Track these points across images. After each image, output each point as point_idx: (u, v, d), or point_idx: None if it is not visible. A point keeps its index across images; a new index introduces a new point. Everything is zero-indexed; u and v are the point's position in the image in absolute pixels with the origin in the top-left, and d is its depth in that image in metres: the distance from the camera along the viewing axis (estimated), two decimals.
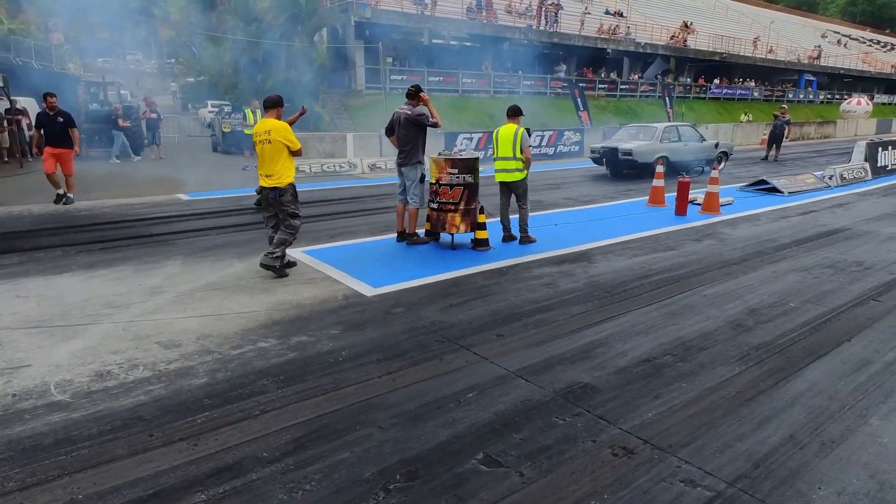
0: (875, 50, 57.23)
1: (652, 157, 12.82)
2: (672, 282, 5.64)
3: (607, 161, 13.74)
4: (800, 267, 6.16)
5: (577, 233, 7.80)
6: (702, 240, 7.46)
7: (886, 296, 5.24)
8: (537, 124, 25.01)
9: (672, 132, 13.82)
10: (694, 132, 14.40)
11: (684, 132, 14.08)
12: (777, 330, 4.43)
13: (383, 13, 24.35)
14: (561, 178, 13.92)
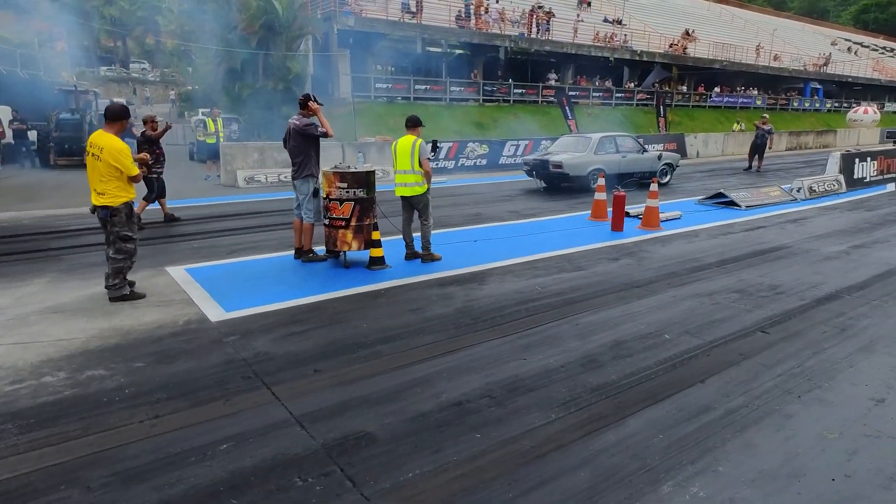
0: (887, 57, 55.94)
1: (585, 169, 12.27)
2: (554, 307, 5.19)
3: (538, 174, 12.90)
4: (705, 291, 5.67)
5: (494, 250, 7.37)
6: (620, 258, 6.99)
7: (779, 327, 4.74)
8: (526, 133, 24.65)
9: (609, 143, 13.06)
10: (634, 143, 13.70)
11: (623, 143, 13.36)
12: (630, 367, 3.97)
13: (367, 21, 24.16)
14: (518, 189, 13.48)
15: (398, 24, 25.11)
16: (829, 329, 4.68)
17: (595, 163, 12.44)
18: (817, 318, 4.95)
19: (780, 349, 4.28)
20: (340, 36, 23.94)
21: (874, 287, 5.82)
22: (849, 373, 3.88)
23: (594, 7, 38.27)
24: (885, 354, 4.18)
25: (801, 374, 3.86)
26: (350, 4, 24.01)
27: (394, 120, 23.46)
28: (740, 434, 3.14)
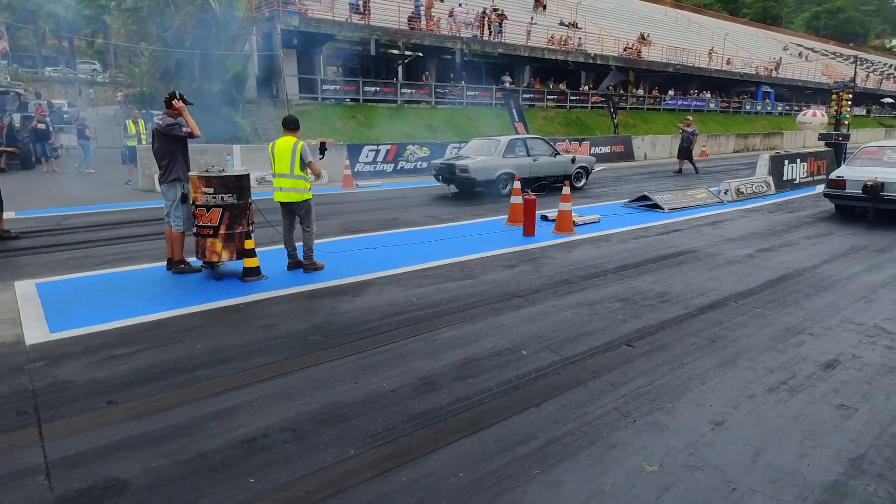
0: (836, 62, 57.67)
1: (493, 173, 11.80)
2: (419, 321, 4.83)
3: (445, 179, 12.23)
4: (589, 300, 5.39)
5: (390, 257, 6.99)
6: (517, 265, 6.68)
7: (648, 339, 4.46)
8: (476, 135, 24.40)
9: (519, 146, 12.52)
10: (546, 146, 13.22)
11: (534, 146, 12.84)
12: (468, 390, 3.62)
13: (313, 21, 23.59)
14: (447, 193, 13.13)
15: (345, 24, 24.60)
16: (698, 341, 4.43)
17: (504, 167, 11.97)
18: (692, 328, 4.69)
19: (637, 365, 3.99)
20: (285, 36, 23.31)
21: (764, 293, 5.62)
22: (699, 391, 3.61)
23: (550, 10, 38.43)
24: (745, 369, 3.93)
25: (647, 394, 3.56)
26: (294, 4, 23.42)
27: (342, 122, 23.03)
28: (550, 469, 2.82)
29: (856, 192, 8.95)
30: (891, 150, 9.62)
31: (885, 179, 8.76)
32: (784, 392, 3.59)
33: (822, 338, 4.47)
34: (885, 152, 9.64)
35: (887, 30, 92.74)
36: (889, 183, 8.73)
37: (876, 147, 10.07)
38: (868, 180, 8.79)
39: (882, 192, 8.71)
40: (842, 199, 9.47)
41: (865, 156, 9.84)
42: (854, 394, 3.56)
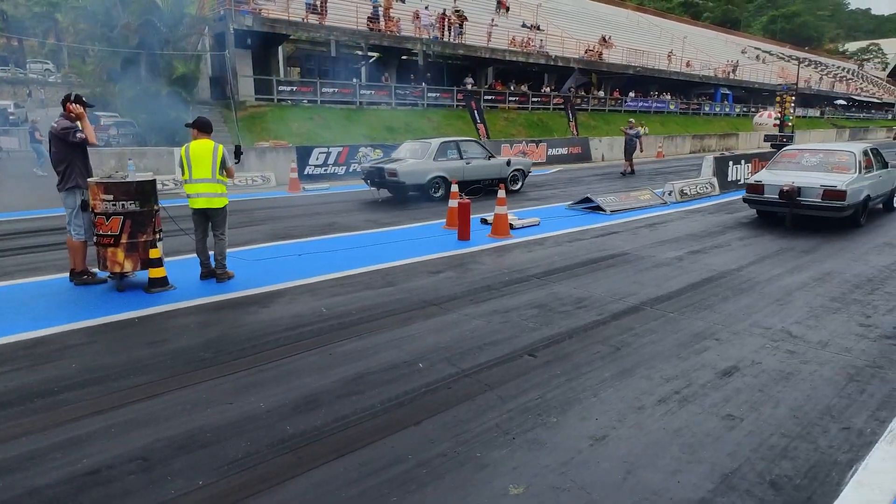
0: (792, 65, 59.30)
1: (424, 177, 11.52)
2: (322, 333, 4.63)
3: (375, 183, 11.84)
4: (504, 308, 5.26)
5: (314, 264, 6.77)
6: (443, 271, 6.53)
7: (553, 348, 4.34)
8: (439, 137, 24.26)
9: (451, 149, 12.19)
10: (480, 149, 13.01)
11: (468, 149, 12.56)
12: (349, 408, 3.44)
13: (267, 21, 23.12)
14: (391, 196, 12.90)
15: (301, 24, 24.21)
16: (603, 349, 4.33)
17: (435, 170, 11.67)
18: (601, 335, 4.60)
19: (533, 377, 3.86)
20: (238, 36, 22.80)
21: (682, 297, 5.58)
22: (588, 404, 3.49)
23: (513, 12, 38.57)
24: (642, 378, 3.84)
25: (535, 408, 3.43)
26: (248, 3, 22.93)
27: (298, 124, 22.60)
28: (410, 496, 2.65)
29: (774, 197, 8.58)
30: (810, 154, 9.36)
31: (803, 184, 8.39)
32: (675, 403, 3.50)
33: (727, 343, 4.42)
34: (804, 155, 9.38)
35: (841, 34, 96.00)
36: (806, 187, 8.36)
37: (796, 150, 9.81)
38: (785, 185, 8.41)
39: (799, 196, 8.35)
40: (760, 204, 9.07)
41: (785, 159, 9.51)
42: (744, 403, 3.49)
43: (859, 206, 8.54)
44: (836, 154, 9.07)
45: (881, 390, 3.63)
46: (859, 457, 2.93)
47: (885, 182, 9.77)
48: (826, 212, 8.30)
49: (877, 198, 9.42)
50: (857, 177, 8.50)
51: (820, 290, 5.82)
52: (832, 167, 8.76)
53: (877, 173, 9.26)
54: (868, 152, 9.24)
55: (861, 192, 8.52)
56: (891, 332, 4.66)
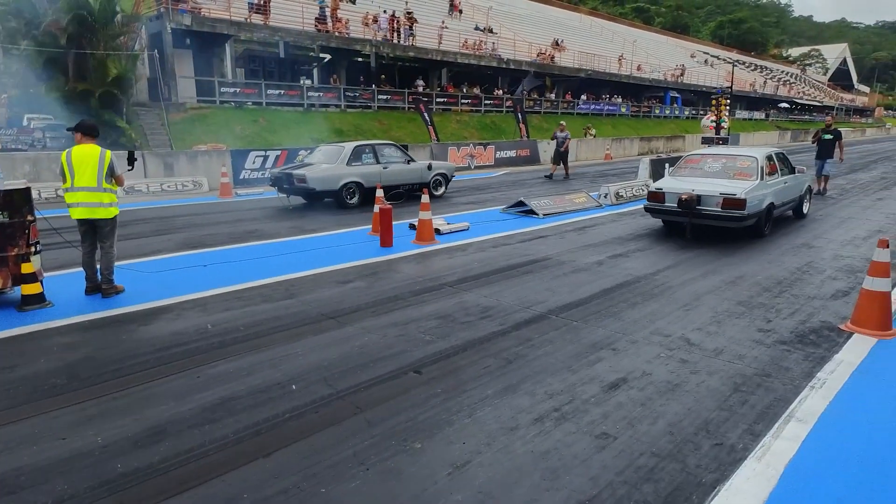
0: (738, 69, 61.27)
1: (336, 183, 10.95)
2: (198, 353, 4.29)
3: (284, 189, 11.04)
4: (404, 320, 5.02)
5: (217, 276, 6.39)
6: (353, 281, 6.25)
7: (443, 363, 4.12)
8: (390, 139, 23.92)
9: (367, 153, 11.63)
10: (399, 153, 12.39)
11: (386, 153, 11.99)
12: (199, 439, 3.13)
13: (207, 20, 22.39)
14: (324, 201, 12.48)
15: (244, 24, 23.54)
16: (494, 362, 4.13)
17: (349, 175, 11.13)
18: (496, 347, 4.40)
19: (412, 396, 3.62)
20: (177, 35, 22.01)
21: (591, 304, 5.45)
22: (460, 426, 3.27)
23: (466, 15, 38.58)
24: (525, 394, 3.65)
25: (402, 433, 3.19)
26: (187, 2, 22.16)
27: (242, 126, 21.93)
28: None
29: (674, 205, 7.97)
30: (712, 159, 8.71)
31: (703, 192, 7.78)
32: (551, 421, 3.32)
33: (622, 353, 4.28)
34: (706, 161, 8.74)
35: (785, 40, 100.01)
36: (706, 196, 7.75)
37: (699, 155, 9.13)
38: (683, 193, 7.79)
39: (699, 205, 7.75)
40: (661, 213, 8.41)
41: (689, 165, 8.89)
42: (622, 419, 3.33)
43: (762, 215, 8.01)
44: (738, 160, 8.52)
45: (763, 401, 3.54)
46: (724, 476, 2.79)
47: (792, 188, 9.20)
48: (726, 221, 7.74)
49: (782, 205, 8.89)
50: (759, 184, 7.96)
51: (729, 293, 5.79)
52: (734, 174, 8.25)
53: (781, 179, 8.73)
54: (772, 157, 8.73)
55: (763, 200, 8.01)
56: (787, 336, 4.62)
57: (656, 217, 8.74)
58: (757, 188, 7.86)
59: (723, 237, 8.20)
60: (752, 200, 7.64)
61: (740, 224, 7.73)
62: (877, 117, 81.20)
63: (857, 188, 14.61)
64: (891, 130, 67.15)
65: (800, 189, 9.62)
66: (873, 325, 4.58)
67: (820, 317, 5.08)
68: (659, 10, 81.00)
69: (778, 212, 8.76)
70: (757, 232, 8.17)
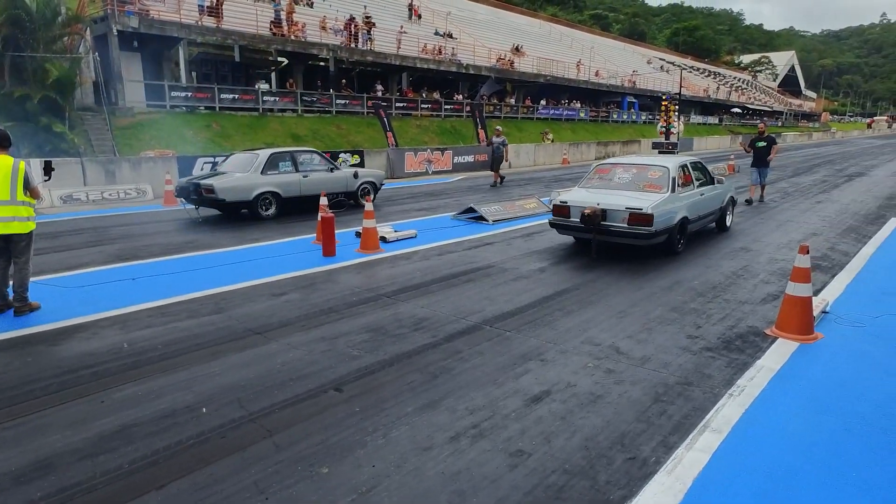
0: (693, 75, 63.11)
1: (249, 193, 10.26)
2: (107, 375, 4.06)
3: (192, 200, 10.29)
4: (333, 334, 4.87)
5: (144, 290, 6.11)
6: (287, 293, 6.07)
7: (367, 379, 4.00)
8: (349, 145, 23.64)
9: (285, 161, 10.93)
10: (321, 160, 11.71)
11: (306, 161, 11.33)
12: (87, 472, 2.93)
13: (156, 23, 21.73)
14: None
15: (195, 27, 22.94)
16: (419, 377, 4.03)
17: (263, 184, 10.44)
18: (423, 361, 4.30)
19: (327, 416, 3.49)
20: (124, 38, 21.31)
21: (527, 313, 5.41)
22: (372, 447, 3.15)
23: (425, 20, 38.62)
24: (445, 410, 3.56)
25: (310, 457, 3.06)
26: (134, 4, 21.46)
27: (194, 132, 21.36)
28: None
29: (578, 221, 7.23)
30: (623, 170, 7.98)
31: (609, 206, 7.07)
32: (468, 439, 3.23)
33: (550, 364, 4.24)
34: (616, 171, 8.02)
35: (737, 47, 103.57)
36: (612, 210, 7.03)
37: (609, 165, 8.36)
38: (587, 208, 7.04)
39: (605, 221, 7.06)
40: (566, 229, 7.70)
41: (599, 175, 8.15)
42: (540, 434, 3.27)
43: (673, 231, 7.31)
44: (649, 170, 7.77)
45: (681, 410, 3.53)
46: (633, 493, 2.75)
47: (711, 200, 8.49)
48: (633, 239, 7.02)
49: (699, 219, 8.15)
50: (669, 196, 7.27)
51: (664, 299, 5.83)
52: (644, 185, 7.55)
53: (698, 191, 8.05)
54: (687, 167, 8.05)
55: (674, 215, 7.29)
56: (714, 343, 4.66)
57: (563, 233, 8.04)
58: (667, 201, 7.18)
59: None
60: (660, 215, 6.95)
61: (649, 241, 6.99)
62: (823, 122, 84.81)
63: (798, 191, 15.10)
64: (835, 134, 70.16)
65: (720, 201, 8.88)
66: (795, 330, 4.67)
67: (748, 322, 5.16)
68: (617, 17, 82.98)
69: (695, 226, 8.07)
70: (669, 249, 7.51)
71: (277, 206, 10.69)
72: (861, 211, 11.68)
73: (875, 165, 24.61)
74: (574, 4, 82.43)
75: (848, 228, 9.73)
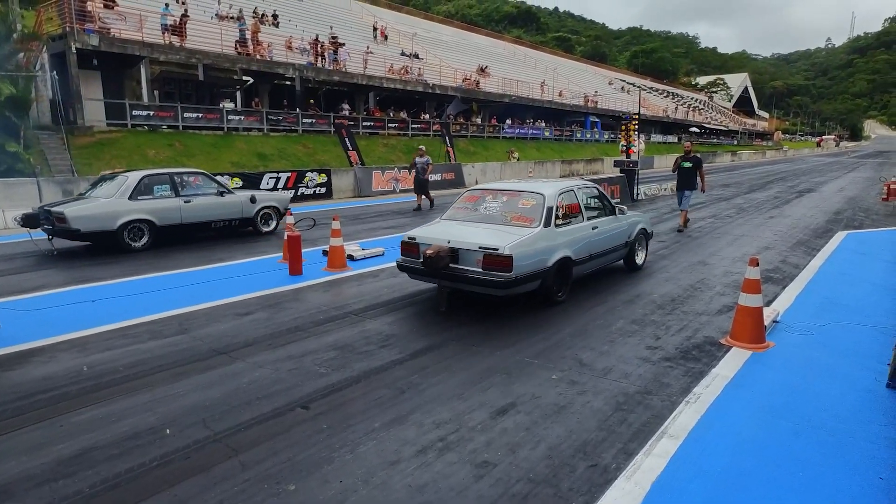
0: (652, 96, 65.27)
1: (113, 222, 8.95)
2: (66, 399, 3.97)
3: (45, 230, 9.00)
4: (300, 352, 4.86)
5: (105, 311, 5.98)
6: (254, 313, 6.02)
7: (334, 396, 4.01)
8: (316, 164, 23.54)
9: (162, 185, 9.67)
10: (209, 183, 10.44)
11: (189, 184, 10.08)
12: (45, 499, 2.85)
13: (118, 42, 21.41)
14: None
15: (158, 46, 22.69)
16: (387, 393, 4.06)
17: (132, 212, 9.15)
18: (392, 377, 4.34)
19: (294, 434, 3.49)
20: (84, 56, 20.91)
21: (493, 328, 5.49)
22: (340, 463, 3.17)
23: (392, 40, 39.07)
24: (413, 425, 3.60)
25: (277, 475, 3.05)
26: (94, 22, 21.14)
27: (156, 151, 21.02)
28: None
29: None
30: (492, 197, 6.51)
31: (461, 243, 5.62)
32: (434, 452, 3.28)
33: (515, 377, 4.33)
34: (485, 199, 6.53)
35: (694, 69, 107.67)
36: (465, 250, 5.58)
37: (479, 191, 6.85)
38: (430, 248, 5.54)
39: (456, 263, 5.59)
40: (415, 273, 6.10)
41: (464, 204, 6.70)
42: (505, 445, 3.34)
43: (548, 276, 5.80)
44: (520, 198, 6.31)
45: (640, 418, 3.65)
46: (594, 498, 2.84)
47: (610, 234, 6.98)
48: (490, 287, 5.50)
49: (592, 258, 6.61)
50: (540, 232, 5.81)
51: (626, 312, 6.01)
52: (512, 217, 6.08)
53: (588, 224, 6.57)
54: (574, 194, 6.62)
55: (548, 255, 5.79)
56: (672, 353, 4.83)
57: (415, 278, 6.34)
58: (537, 238, 5.74)
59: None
60: (524, 257, 5.48)
61: (508, 291, 5.51)
62: (776, 140, 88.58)
63: (753, 207, 15.73)
64: (787, 153, 73.31)
65: (624, 235, 7.35)
66: (748, 339, 4.88)
67: (704, 332, 5.36)
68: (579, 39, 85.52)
69: (585, 268, 6.58)
70: (545, 297, 5.99)
71: (151, 236, 9.41)
72: (811, 225, 12.24)
73: (823, 182, 25.82)
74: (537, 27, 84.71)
75: (798, 242, 10.19)
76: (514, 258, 5.37)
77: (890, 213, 14.25)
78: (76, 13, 20.32)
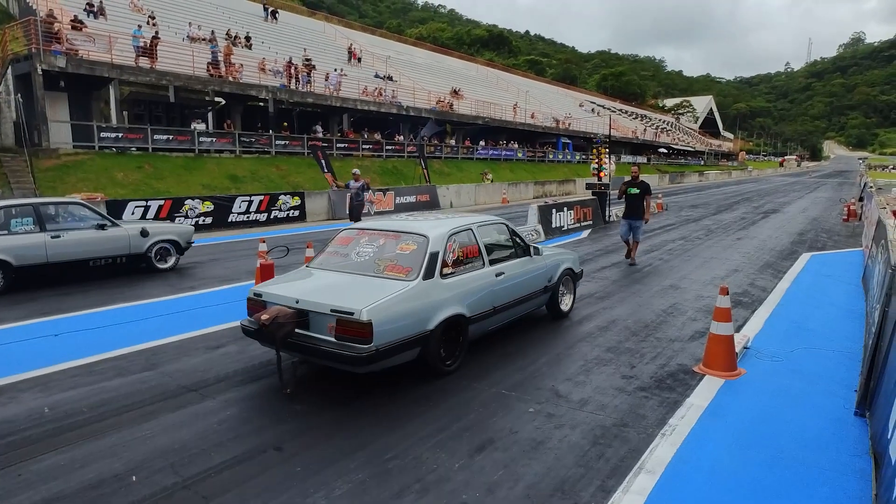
0: (621, 117, 66.82)
1: None
2: (22, 445, 3.79)
3: None
4: (274, 386, 4.75)
5: (68, 346, 5.78)
6: (225, 345, 5.89)
7: (314, 434, 3.91)
8: (290, 186, 23.36)
9: (22, 218, 8.28)
10: (86, 214, 9.02)
11: (58, 216, 8.74)
12: None
13: (86, 63, 21.06)
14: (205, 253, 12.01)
15: (128, 68, 22.38)
16: (366, 427, 3.98)
17: None
18: (373, 409, 4.26)
19: (266, 478, 3.39)
20: (51, 78, 20.51)
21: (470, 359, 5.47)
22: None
23: (366, 63, 39.32)
24: (393, 468, 3.52)
25: None
26: (62, 43, 20.78)
27: (125, 173, 20.62)
28: None
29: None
30: (368, 239, 5.30)
31: (312, 304, 4.42)
32: (412, 495, 3.22)
33: (493, 407, 4.30)
34: (360, 242, 5.32)
35: (661, 91, 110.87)
36: (315, 313, 4.38)
37: (355, 232, 5.57)
38: (265, 313, 4.36)
39: (305, 329, 4.40)
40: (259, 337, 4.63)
41: (336, 247, 5.47)
42: (482, 485, 3.30)
43: (429, 341, 4.61)
44: (401, 240, 5.11)
45: (618, 453, 3.66)
46: None
47: (524, 280, 5.89)
48: (346, 364, 4.29)
49: (496, 311, 5.43)
50: (417, 287, 4.60)
51: (601, 339, 6.05)
52: (385, 267, 4.88)
53: (489, 270, 5.40)
54: (472, 233, 5.42)
55: (428, 315, 4.60)
56: (647, 382, 4.87)
57: (266, 345, 4.86)
58: (410, 295, 4.53)
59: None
60: (390, 320, 4.29)
61: (369, 367, 4.27)
62: (740, 161, 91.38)
63: (721, 228, 16.12)
64: (752, 173, 75.63)
65: (542, 279, 6.26)
66: (720, 367, 4.95)
67: (678, 360, 5.42)
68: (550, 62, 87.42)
69: (489, 324, 5.41)
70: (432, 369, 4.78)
71: (6, 279, 8.08)
72: (776, 247, 12.59)
73: (787, 203, 26.66)
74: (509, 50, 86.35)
75: (765, 264, 10.45)
76: (373, 325, 4.13)
77: (850, 234, 14.76)
78: (43, 34, 19.95)
